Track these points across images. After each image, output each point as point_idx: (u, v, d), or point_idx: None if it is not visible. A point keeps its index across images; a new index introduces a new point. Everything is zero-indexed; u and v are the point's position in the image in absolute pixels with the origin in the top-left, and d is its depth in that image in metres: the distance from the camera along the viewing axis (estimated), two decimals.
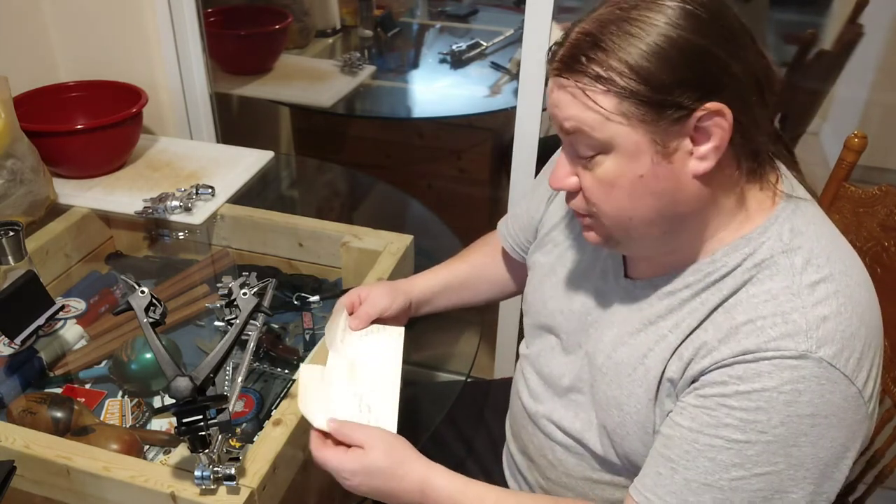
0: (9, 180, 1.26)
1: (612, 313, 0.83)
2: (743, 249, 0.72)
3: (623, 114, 0.66)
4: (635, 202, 0.70)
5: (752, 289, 0.70)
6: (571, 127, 0.69)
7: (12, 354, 1.11)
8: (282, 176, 1.67)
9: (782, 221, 0.72)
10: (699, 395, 0.70)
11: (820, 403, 0.65)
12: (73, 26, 1.63)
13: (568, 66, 0.68)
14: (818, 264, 0.69)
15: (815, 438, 0.66)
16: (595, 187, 0.71)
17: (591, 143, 0.69)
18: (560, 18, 1.34)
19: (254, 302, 0.89)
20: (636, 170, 0.68)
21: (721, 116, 0.65)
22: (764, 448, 0.66)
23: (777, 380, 0.65)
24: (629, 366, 0.78)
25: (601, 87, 0.66)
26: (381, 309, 0.97)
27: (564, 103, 0.69)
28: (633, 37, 0.65)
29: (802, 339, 0.65)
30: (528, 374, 0.95)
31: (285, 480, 0.90)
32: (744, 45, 0.67)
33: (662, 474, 0.72)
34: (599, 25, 0.67)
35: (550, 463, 0.91)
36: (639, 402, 0.77)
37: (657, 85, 0.65)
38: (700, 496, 0.69)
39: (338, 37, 2.32)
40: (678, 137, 0.67)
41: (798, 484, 0.67)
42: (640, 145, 0.67)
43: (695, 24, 0.65)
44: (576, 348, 0.87)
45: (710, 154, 0.67)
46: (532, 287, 0.95)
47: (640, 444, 0.78)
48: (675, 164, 0.68)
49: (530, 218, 0.99)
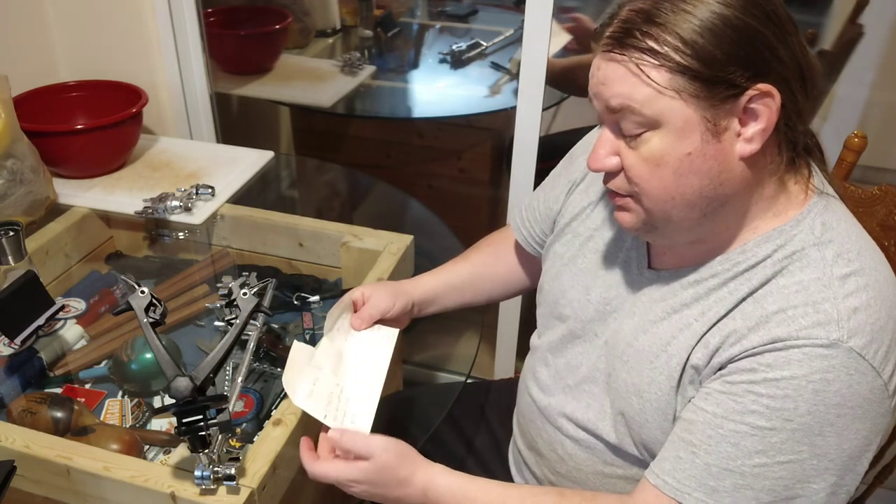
0: (9, 180, 1.26)
1: (633, 303, 0.83)
2: (775, 241, 0.72)
3: (675, 89, 0.67)
4: (680, 181, 0.70)
5: (783, 280, 0.71)
6: (619, 104, 0.69)
7: (12, 354, 1.11)
8: (282, 176, 1.67)
9: (815, 216, 0.73)
10: (726, 381, 0.71)
11: (847, 394, 0.66)
12: (74, 26, 1.63)
13: (620, 41, 0.69)
14: (849, 258, 0.70)
15: (841, 429, 0.66)
16: (640, 166, 0.71)
17: (640, 120, 0.69)
18: (560, 18, 1.34)
19: (254, 302, 0.89)
20: (684, 147, 0.68)
21: (771, 97, 0.66)
22: (789, 436, 0.67)
23: (807, 368, 0.66)
24: (651, 353, 0.78)
25: (655, 61, 0.66)
26: (383, 310, 0.97)
27: (614, 79, 0.69)
28: (687, 13, 0.66)
29: (834, 328, 0.66)
30: (538, 367, 0.95)
31: (285, 480, 0.90)
32: (790, 32, 0.68)
33: (682, 458, 0.72)
34: (653, 2, 0.68)
35: (560, 457, 0.91)
36: (660, 388, 0.77)
37: (711, 61, 0.65)
38: (720, 481, 0.70)
39: (338, 37, 2.32)
40: (728, 116, 0.67)
41: (821, 474, 0.68)
42: (691, 122, 0.67)
43: (746, 4, 0.66)
44: (592, 337, 0.87)
45: (757, 136, 0.68)
46: (549, 276, 0.95)
47: (658, 431, 0.78)
48: (723, 144, 0.68)
49: (548, 209, 0.99)
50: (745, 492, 0.69)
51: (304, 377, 0.86)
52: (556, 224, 0.97)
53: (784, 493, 0.68)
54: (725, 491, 0.69)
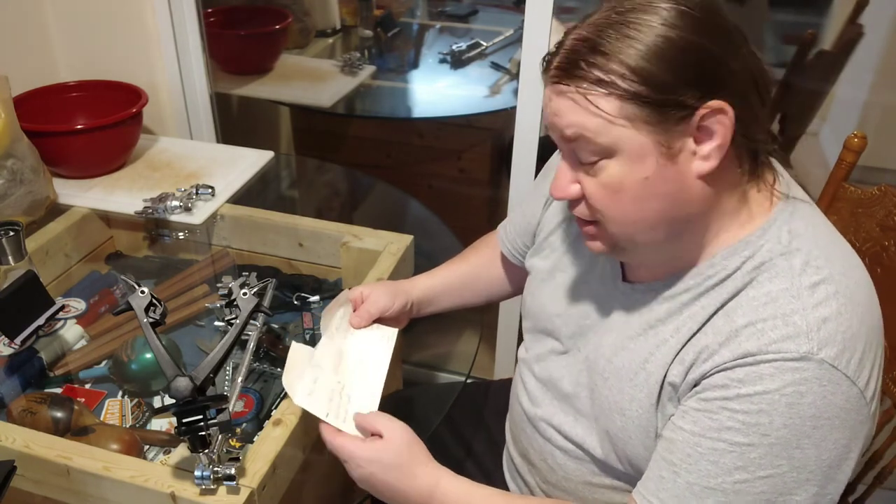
0: (9, 180, 1.26)
1: (611, 317, 0.83)
2: (742, 252, 0.72)
3: (626, 116, 0.66)
4: (641, 205, 0.70)
5: (752, 291, 0.70)
6: (573, 134, 0.69)
7: (12, 354, 1.11)
8: (282, 176, 1.67)
9: (780, 224, 0.72)
10: (701, 398, 0.70)
11: (822, 405, 0.65)
12: (74, 26, 1.63)
13: (567, 72, 0.68)
14: (817, 266, 0.69)
15: (818, 440, 0.66)
16: (599, 193, 0.71)
17: (594, 149, 0.69)
18: (560, 18, 1.34)
19: (254, 302, 0.89)
20: (641, 172, 0.68)
21: (723, 114, 0.65)
22: (767, 451, 0.66)
23: (779, 382, 0.65)
24: (630, 370, 0.78)
25: (603, 90, 0.66)
26: (381, 308, 0.98)
27: (564, 110, 0.69)
28: (632, 39, 0.65)
29: (804, 340, 0.65)
30: (526, 378, 0.95)
31: (285, 480, 0.90)
32: (738, 44, 0.67)
33: (665, 478, 0.72)
34: (596, 30, 0.67)
35: (550, 467, 0.91)
36: (641, 406, 0.77)
37: (659, 85, 0.65)
38: (703, 500, 0.69)
39: (338, 37, 2.32)
40: (682, 137, 0.67)
41: (801, 486, 0.67)
42: (645, 147, 0.67)
43: (690, 23, 0.65)
44: (575, 352, 0.87)
45: (714, 153, 0.67)
46: (530, 291, 0.95)
47: (642, 448, 0.78)
48: (680, 165, 0.68)
49: (527, 223, 0.99)
50: None
51: (304, 377, 0.86)
52: (535, 237, 0.97)
53: None
54: None
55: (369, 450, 0.80)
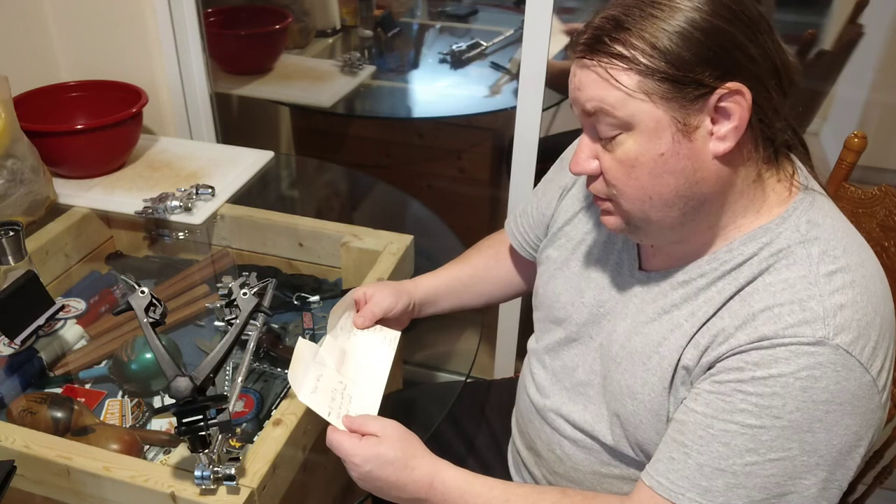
0: (9, 180, 1.26)
1: (625, 304, 0.84)
2: (760, 239, 0.73)
3: (644, 91, 0.68)
4: (655, 181, 0.71)
5: (769, 277, 0.71)
6: (593, 107, 0.71)
7: (12, 354, 1.11)
8: (282, 176, 1.67)
9: (800, 213, 0.73)
10: (715, 381, 0.71)
11: (835, 390, 0.66)
12: (74, 26, 1.63)
13: (591, 47, 0.70)
14: (834, 255, 0.70)
15: (830, 425, 0.67)
16: (616, 168, 0.73)
17: (613, 122, 0.70)
18: (560, 18, 1.34)
19: (254, 302, 0.90)
20: (657, 148, 0.69)
21: (741, 95, 0.67)
22: (778, 433, 0.67)
23: (794, 366, 0.66)
24: (644, 354, 0.79)
25: (623, 65, 0.68)
26: (385, 308, 0.98)
27: (587, 84, 0.71)
28: (656, 18, 0.67)
29: (820, 325, 0.66)
30: (535, 369, 0.95)
31: (285, 480, 0.90)
32: (762, 31, 0.69)
33: (675, 459, 0.72)
34: (623, 9, 0.69)
35: (558, 458, 0.91)
36: (653, 390, 0.77)
37: (678, 62, 0.66)
38: (713, 481, 0.70)
39: (338, 37, 2.32)
40: (699, 116, 0.68)
41: (811, 470, 0.68)
42: (661, 123, 0.68)
43: (716, 7, 0.67)
44: (588, 340, 0.88)
45: (730, 134, 0.69)
46: (543, 281, 0.96)
47: (653, 432, 0.78)
48: (696, 143, 0.69)
49: (541, 215, 0.99)
50: (738, 490, 0.69)
51: (308, 373, 0.86)
52: (549, 229, 0.98)
53: (776, 490, 0.69)
54: (718, 490, 0.70)
55: (365, 447, 0.80)
